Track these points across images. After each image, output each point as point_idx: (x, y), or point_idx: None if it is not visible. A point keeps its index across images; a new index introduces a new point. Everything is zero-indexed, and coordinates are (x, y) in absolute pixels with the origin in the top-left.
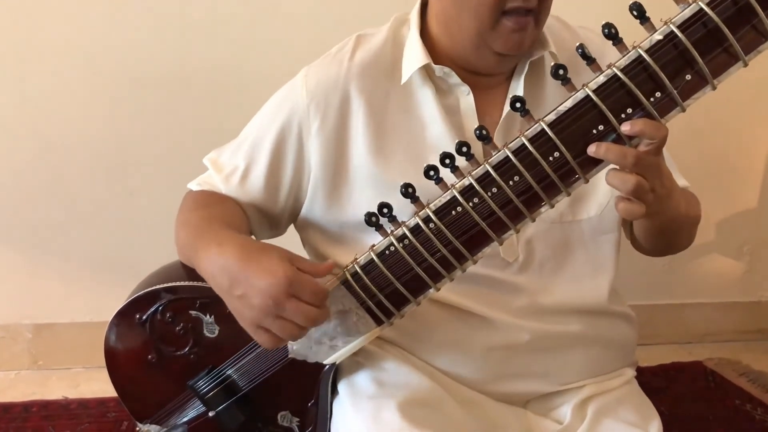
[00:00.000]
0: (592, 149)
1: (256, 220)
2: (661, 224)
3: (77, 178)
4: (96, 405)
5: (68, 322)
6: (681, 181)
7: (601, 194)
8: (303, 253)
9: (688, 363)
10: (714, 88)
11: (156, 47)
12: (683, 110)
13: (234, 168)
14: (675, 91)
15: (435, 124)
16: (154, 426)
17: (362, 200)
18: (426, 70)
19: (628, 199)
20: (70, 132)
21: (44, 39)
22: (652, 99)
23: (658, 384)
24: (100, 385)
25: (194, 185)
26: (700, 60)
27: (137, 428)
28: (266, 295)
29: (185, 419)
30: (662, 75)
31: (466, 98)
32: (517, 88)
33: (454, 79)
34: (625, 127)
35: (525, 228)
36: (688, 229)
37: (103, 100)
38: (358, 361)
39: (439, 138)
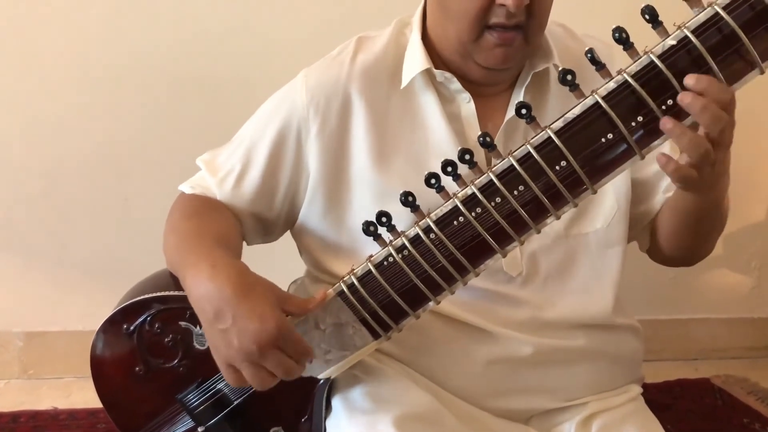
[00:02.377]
0: (689, 81)
1: (250, 226)
2: (706, 206)
3: (71, 183)
4: (86, 416)
5: (60, 330)
6: None
7: (608, 206)
8: (299, 262)
9: (694, 380)
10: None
11: (153, 51)
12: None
13: (229, 170)
14: None
15: (437, 131)
16: None
17: (361, 206)
18: (428, 76)
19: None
20: (65, 136)
21: (40, 42)
22: (664, 107)
23: (664, 401)
24: (91, 395)
25: (187, 187)
26: (715, 67)
27: None
28: (251, 341)
29: None
30: (675, 82)
31: (467, 106)
32: (519, 99)
33: (455, 85)
34: (690, 81)
35: (529, 242)
36: (720, 226)
37: (98, 104)
38: (354, 374)
39: (442, 145)
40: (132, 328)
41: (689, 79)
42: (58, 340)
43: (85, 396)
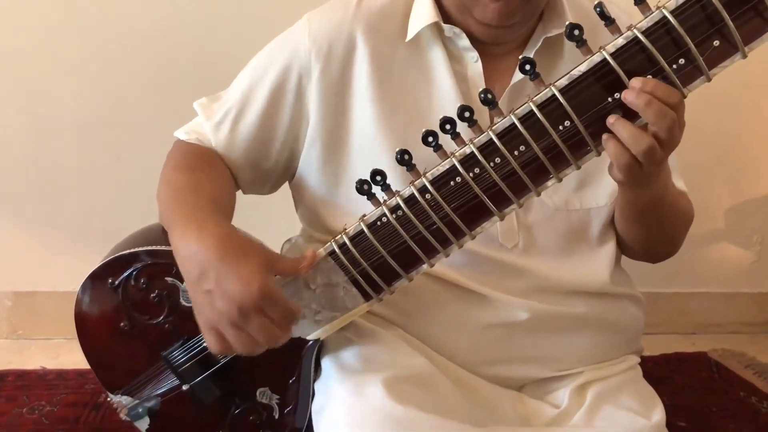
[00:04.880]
0: (635, 83)
1: (247, 176)
2: (645, 202)
3: (61, 141)
4: (74, 376)
5: (50, 290)
6: (679, 184)
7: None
8: (294, 222)
9: (691, 353)
10: (745, 56)
11: (146, 7)
12: (708, 80)
13: (225, 113)
14: (701, 58)
15: (443, 88)
16: (125, 397)
17: (358, 158)
18: (437, 30)
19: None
20: (55, 93)
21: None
22: (674, 66)
23: (660, 374)
24: (80, 357)
25: (182, 134)
26: (731, 24)
27: (108, 399)
28: (234, 303)
29: (159, 392)
30: (688, 39)
31: (474, 65)
32: None
33: (464, 42)
34: (636, 83)
35: (527, 214)
36: (673, 223)
37: (90, 61)
38: (346, 336)
39: (445, 103)
40: (117, 282)
41: (635, 82)
42: (48, 300)
43: (74, 357)
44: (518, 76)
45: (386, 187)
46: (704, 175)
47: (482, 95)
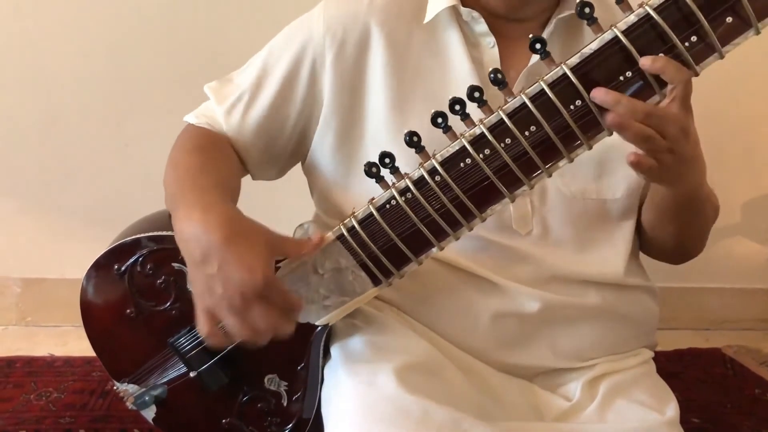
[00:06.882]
0: (598, 94)
1: (256, 159)
2: (681, 197)
3: (71, 126)
4: (82, 364)
5: (58, 277)
6: None
7: (633, 174)
8: (307, 207)
9: (705, 349)
10: (758, 32)
11: None
12: (721, 57)
13: (238, 98)
14: (713, 35)
15: (458, 72)
16: (132, 386)
17: (373, 144)
18: (454, 14)
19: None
20: (66, 78)
21: None
22: (687, 43)
23: (673, 369)
24: (88, 344)
25: (192, 118)
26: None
27: (114, 387)
28: (236, 290)
29: (166, 379)
30: (700, 15)
31: (490, 51)
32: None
33: (481, 26)
34: (645, 62)
35: (542, 202)
36: (704, 220)
37: (99, 48)
38: (354, 323)
39: (461, 87)
40: (123, 268)
41: (645, 60)
42: (56, 287)
43: (81, 345)
44: (534, 60)
45: (395, 170)
46: (720, 170)
47: (492, 75)
